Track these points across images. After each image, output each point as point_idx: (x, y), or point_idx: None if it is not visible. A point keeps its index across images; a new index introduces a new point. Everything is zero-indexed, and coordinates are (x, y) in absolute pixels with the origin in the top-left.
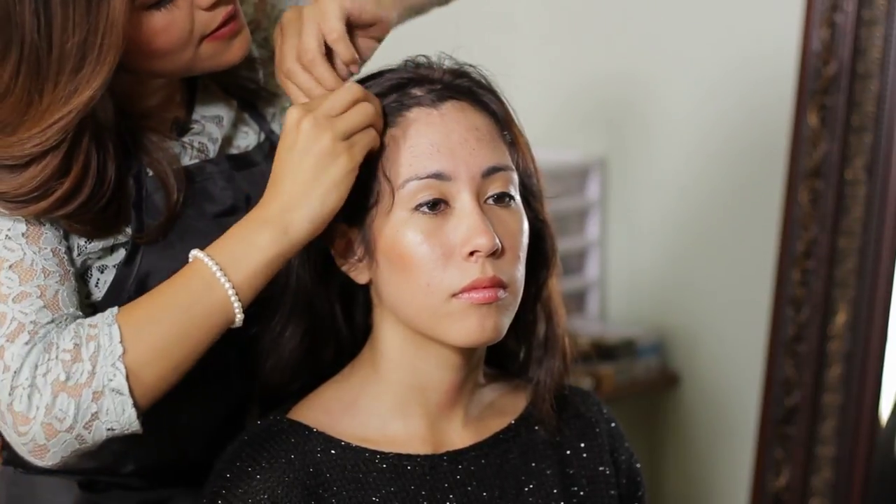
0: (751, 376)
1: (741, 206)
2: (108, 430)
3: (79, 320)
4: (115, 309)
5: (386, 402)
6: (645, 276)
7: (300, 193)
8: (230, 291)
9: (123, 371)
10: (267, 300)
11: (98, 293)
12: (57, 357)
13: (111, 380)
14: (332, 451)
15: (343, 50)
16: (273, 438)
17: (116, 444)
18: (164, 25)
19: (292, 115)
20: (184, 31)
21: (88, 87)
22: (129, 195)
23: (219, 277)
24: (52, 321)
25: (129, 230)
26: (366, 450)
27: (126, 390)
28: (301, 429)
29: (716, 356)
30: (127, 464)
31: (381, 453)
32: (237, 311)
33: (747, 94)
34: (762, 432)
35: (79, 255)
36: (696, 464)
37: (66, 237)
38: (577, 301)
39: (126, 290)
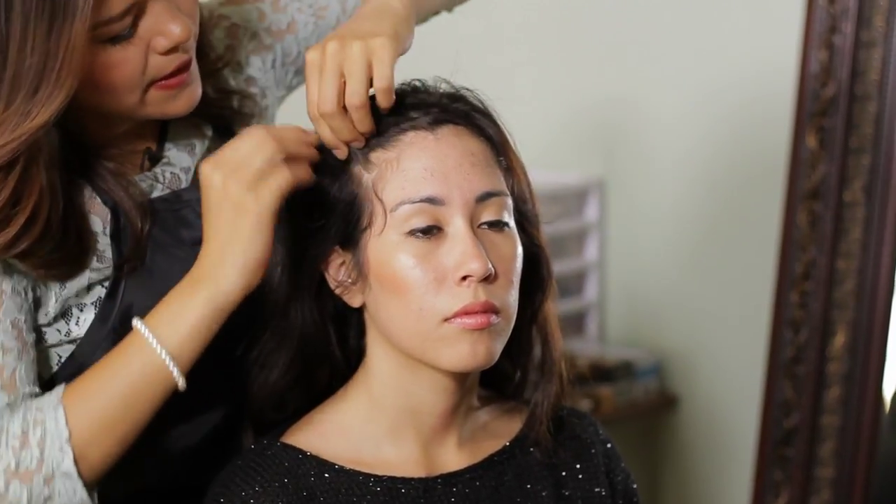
0: (749, 398)
1: (740, 228)
2: None
3: (27, 402)
4: (62, 388)
5: (379, 426)
6: (644, 298)
7: (222, 247)
8: (165, 357)
9: (71, 454)
10: (256, 321)
11: (79, 331)
12: (7, 444)
13: (60, 464)
14: (326, 475)
15: (386, 100)
16: (266, 462)
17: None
18: (117, 61)
19: (204, 171)
20: (135, 70)
21: (43, 112)
22: (88, 225)
23: (152, 343)
24: (8, 404)
25: (99, 264)
26: (359, 473)
27: (74, 473)
28: (294, 452)
29: (714, 378)
30: (113, 489)
31: (375, 476)
32: (176, 375)
33: (746, 115)
34: (761, 454)
35: (56, 301)
36: (695, 486)
37: (34, 297)
38: (575, 323)
39: (110, 324)
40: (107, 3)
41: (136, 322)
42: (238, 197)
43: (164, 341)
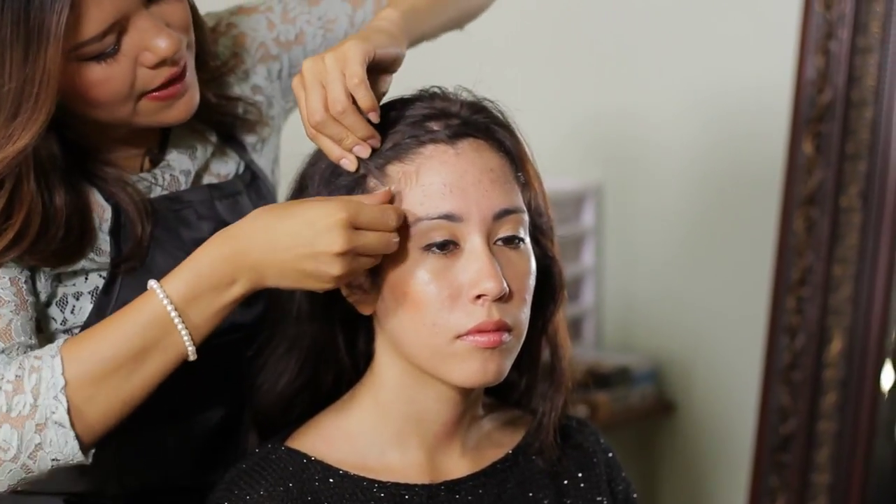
0: (746, 404)
1: (736, 234)
2: (53, 460)
3: (27, 352)
4: (62, 340)
5: (384, 432)
6: (640, 304)
7: (280, 270)
8: (185, 336)
9: (65, 403)
10: (264, 324)
11: (74, 319)
12: (0, 388)
13: (53, 412)
14: (331, 480)
15: (363, 96)
16: (271, 466)
17: (101, 468)
18: (102, 78)
19: (336, 215)
20: (123, 85)
21: (24, 135)
22: (91, 222)
23: (176, 323)
24: (3, 351)
25: (97, 258)
26: (364, 479)
27: (67, 423)
28: (299, 457)
29: (711, 384)
30: (112, 487)
31: (380, 482)
32: (191, 351)
33: (742, 121)
34: (757, 460)
35: (46, 280)
36: (691, 492)
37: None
38: (572, 328)
39: (106, 317)
40: (82, 25)
41: (158, 290)
42: (337, 273)
43: (187, 320)
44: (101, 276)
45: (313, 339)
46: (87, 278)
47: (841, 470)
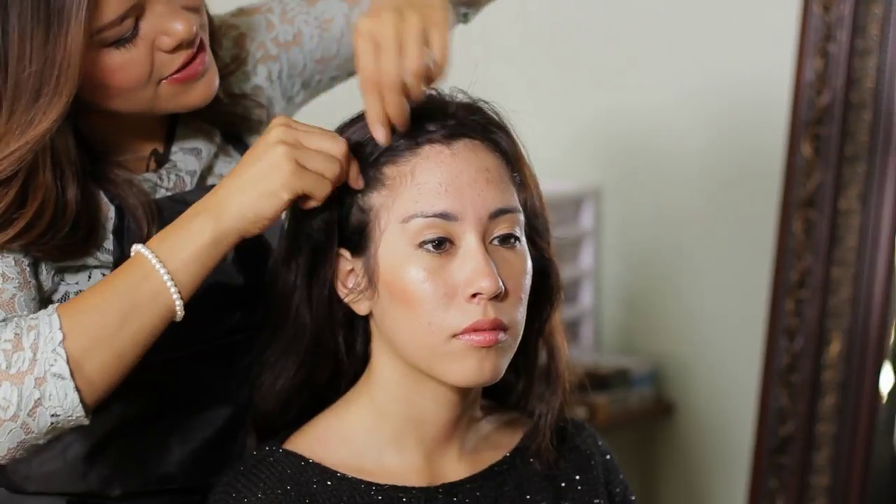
0: (745, 406)
1: (735, 236)
2: (53, 416)
3: (23, 317)
4: (56, 304)
5: (382, 434)
6: (639, 306)
7: (236, 189)
8: (166, 278)
9: (64, 356)
10: (263, 326)
11: None
12: None
13: (52, 365)
14: (328, 483)
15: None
16: (269, 469)
17: (103, 469)
18: (121, 63)
19: (275, 130)
20: (142, 70)
21: (45, 118)
22: (99, 220)
23: (154, 265)
24: (3, 320)
25: (101, 255)
26: (361, 481)
27: (67, 374)
28: (296, 459)
29: (710, 386)
30: (114, 488)
31: (377, 485)
32: (176, 300)
33: (741, 124)
34: (756, 462)
35: (50, 272)
36: (690, 494)
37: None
38: (570, 330)
39: None
40: (102, 8)
41: (140, 247)
42: (282, 161)
43: (166, 263)
44: (103, 274)
45: (312, 341)
46: (90, 276)
47: (840, 472)
